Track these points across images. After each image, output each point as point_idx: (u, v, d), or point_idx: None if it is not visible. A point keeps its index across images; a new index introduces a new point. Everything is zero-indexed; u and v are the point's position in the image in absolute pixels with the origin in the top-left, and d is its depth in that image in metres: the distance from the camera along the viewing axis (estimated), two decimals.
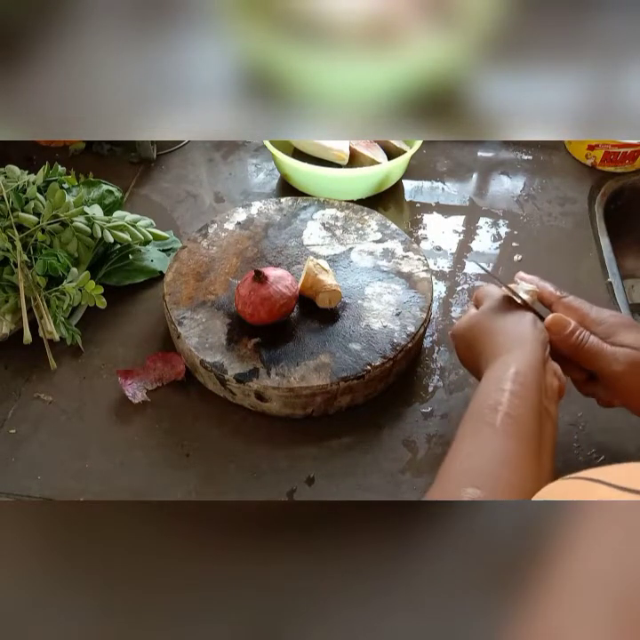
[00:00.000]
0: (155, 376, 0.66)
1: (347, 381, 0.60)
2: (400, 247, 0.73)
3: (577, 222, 0.85)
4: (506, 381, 0.45)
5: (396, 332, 0.64)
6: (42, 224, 0.68)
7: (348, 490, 0.59)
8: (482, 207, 0.87)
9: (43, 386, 0.67)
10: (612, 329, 0.51)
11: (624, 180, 0.90)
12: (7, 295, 0.67)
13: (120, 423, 0.64)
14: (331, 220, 0.77)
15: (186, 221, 0.86)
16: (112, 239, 0.71)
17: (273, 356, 0.62)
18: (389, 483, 0.59)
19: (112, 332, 0.72)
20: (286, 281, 0.64)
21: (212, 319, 0.66)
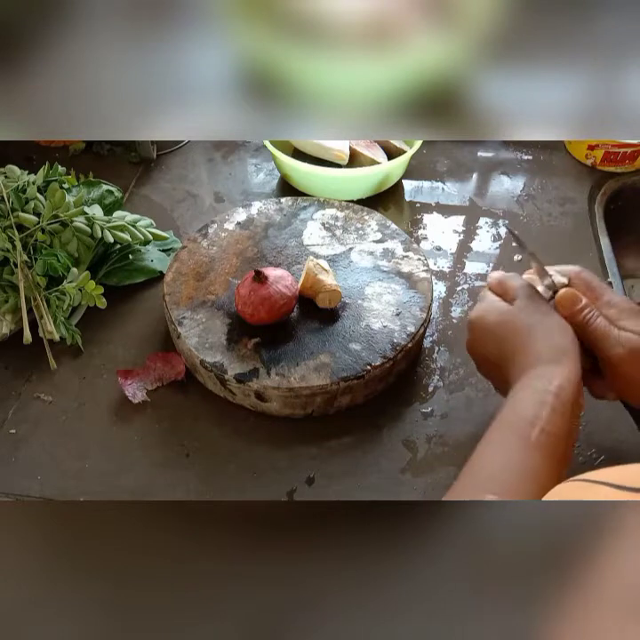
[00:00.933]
0: (155, 376, 0.66)
1: (347, 381, 0.60)
2: (400, 247, 0.73)
3: (577, 222, 0.85)
4: (548, 394, 0.43)
5: (395, 331, 0.64)
6: (42, 224, 0.68)
7: (347, 490, 0.59)
8: (482, 207, 0.87)
9: (43, 386, 0.67)
10: (621, 314, 0.50)
11: (624, 179, 0.90)
12: (7, 295, 0.67)
13: (120, 423, 0.64)
14: (331, 220, 0.77)
15: (186, 221, 0.86)
16: (112, 239, 0.71)
17: (273, 356, 0.62)
18: (389, 483, 0.59)
19: (112, 332, 0.72)
20: (286, 281, 0.64)
21: (212, 319, 0.66)
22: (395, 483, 0.59)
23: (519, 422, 0.43)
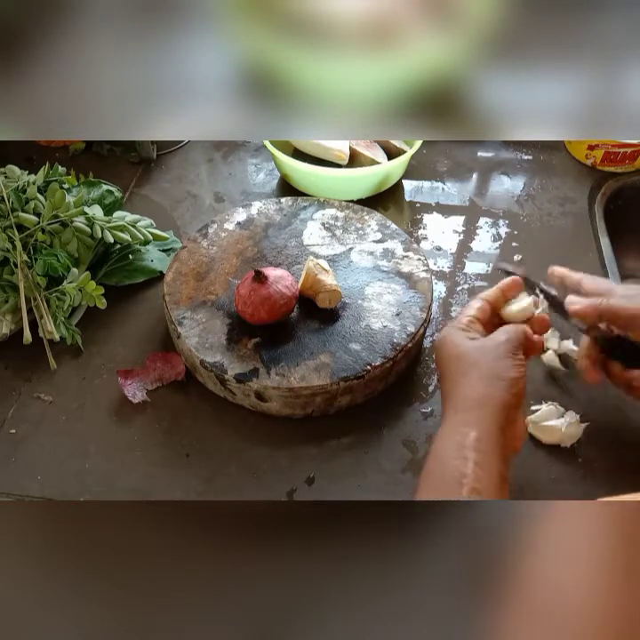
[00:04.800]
0: (155, 376, 0.66)
1: (347, 381, 0.60)
2: (400, 247, 0.73)
3: (577, 222, 0.85)
4: (468, 450, 0.43)
5: (396, 331, 0.64)
6: (42, 224, 0.68)
7: (347, 490, 0.59)
8: (482, 207, 0.87)
9: (43, 386, 0.67)
10: (636, 298, 0.51)
11: (624, 179, 0.90)
12: (7, 295, 0.67)
13: (120, 423, 0.64)
14: (331, 220, 0.77)
15: (186, 221, 0.86)
16: (112, 239, 0.71)
17: (273, 356, 0.62)
18: (389, 483, 0.59)
19: (112, 332, 0.72)
20: (286, 281, 0.64)
21: (212, 319, 0.66)
22: (395, 483, 0.59)
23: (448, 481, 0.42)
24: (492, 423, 0.45)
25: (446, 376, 0.51)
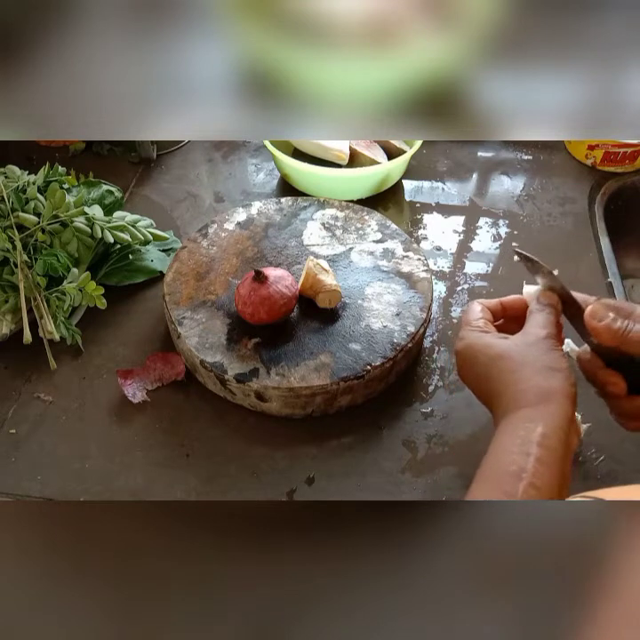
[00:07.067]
0: (155, 376, 0.66)
1: (347, 381, 0.60)
2: (400, 247, 0.73)
3: (577, 222, 0.85)
4: (532, 445, 0.41)
5: (395, 331, 0.64)
6: (42, 224, 0.68)
7: (347, 490, 0.59)
8: (482, 207, 0.87)
9: (43, 386, 0.67)
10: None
11: (624, 179, 0.90)
12: (7, 295, 0.67)
13: (120, 423, 0.64)
14: (331, 220, 0.77)
15: (186, 221, 0.86)
16: (112, 239, 0.71)
17: (273, 356, 0.62)
18: (389, 483, 0.59)
19: (112, 332, 0.72)
20: (286, 281, 0.64)
21: (212, 319, 0.66)
22: (395, 483, 0.59)
23: (504, 477, 0.41)
24: (559, 418, 0.43)
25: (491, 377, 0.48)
